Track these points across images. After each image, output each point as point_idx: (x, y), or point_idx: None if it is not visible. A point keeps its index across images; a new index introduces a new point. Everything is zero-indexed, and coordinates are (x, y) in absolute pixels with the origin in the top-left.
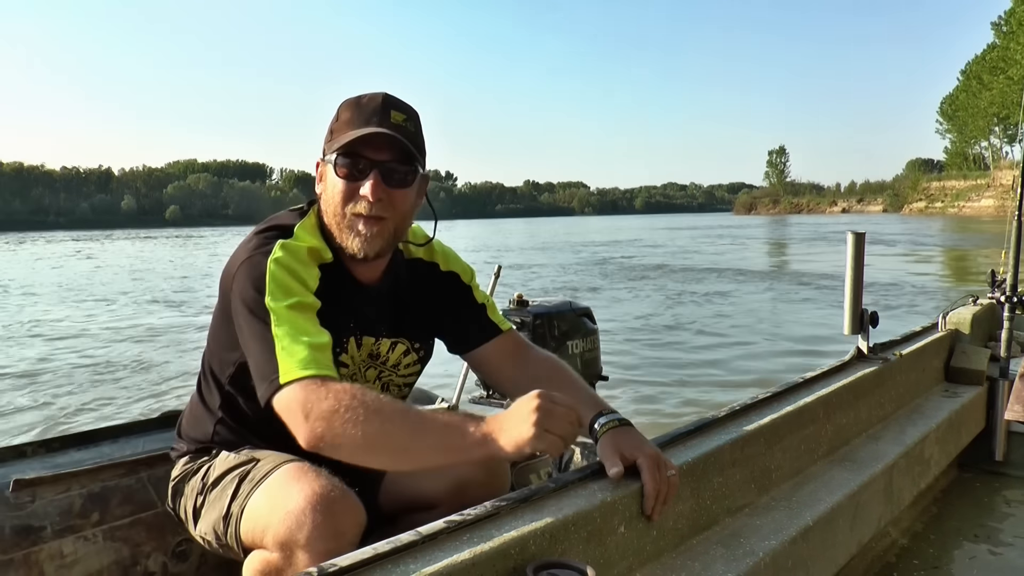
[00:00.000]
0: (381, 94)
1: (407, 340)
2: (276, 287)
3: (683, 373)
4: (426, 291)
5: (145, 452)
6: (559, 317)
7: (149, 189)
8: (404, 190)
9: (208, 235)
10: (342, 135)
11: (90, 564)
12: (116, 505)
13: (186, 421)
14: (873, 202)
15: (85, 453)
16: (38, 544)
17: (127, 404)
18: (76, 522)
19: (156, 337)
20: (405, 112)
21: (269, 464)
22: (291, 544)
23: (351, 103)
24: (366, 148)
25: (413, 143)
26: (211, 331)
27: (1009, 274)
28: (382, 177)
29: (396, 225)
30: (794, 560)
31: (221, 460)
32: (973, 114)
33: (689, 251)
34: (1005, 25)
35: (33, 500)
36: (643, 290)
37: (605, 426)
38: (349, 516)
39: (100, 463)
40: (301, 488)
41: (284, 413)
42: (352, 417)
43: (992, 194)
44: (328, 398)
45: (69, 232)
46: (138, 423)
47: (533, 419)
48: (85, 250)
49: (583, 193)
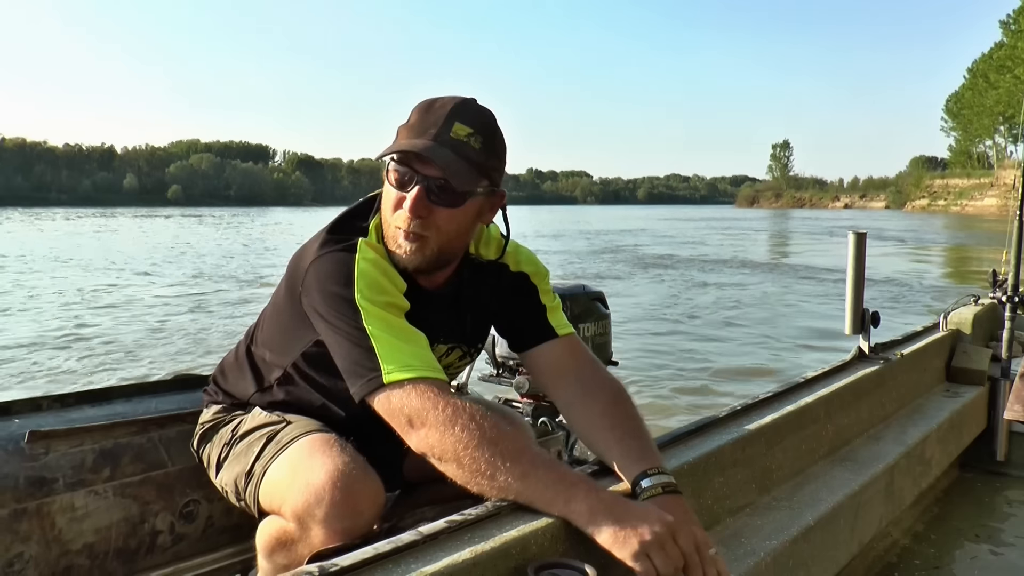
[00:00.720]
0: (454, 102)
1: (463, 345)
2: (366, 285)
3: (688, 361)
4: (490, 294)
5: (158, 412)
6: (572, 299)
7: (151, 168)
8: (450, 210)
9: (224, 215)
10: (399, 141)
11: (100, 519)
12: (127, 463)
13: (228, 373)
14: (876, 198)
15: (98, 410)
16: (51, 496)
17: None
18: (88, 476)
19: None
20: (474, 125)
21: (297, 430)
22: (308, 518)
23: (422, 107)
24: (416, 160)
25: (473, 160)
26: (272, 312)
27: (1010, 274)
28: (426, 193)
29: (440, 245)
30: (795, 560)
31: (253, 415)
32: (978, 112)
33: (695, 241)
34: (1013, 24)
35: (47, 452)
36: (648, 278)
37: (647, 491)
38: (368, 496)
39: (113, 420)
40: (324, 462)
41: (388, 413)
42: (467, 438)
43: (995, 193)
44: (446, 410)
45: (72, 209)
46: (151, 383)
47: (645, 538)
48: (118, 226)
49: (586, 182)
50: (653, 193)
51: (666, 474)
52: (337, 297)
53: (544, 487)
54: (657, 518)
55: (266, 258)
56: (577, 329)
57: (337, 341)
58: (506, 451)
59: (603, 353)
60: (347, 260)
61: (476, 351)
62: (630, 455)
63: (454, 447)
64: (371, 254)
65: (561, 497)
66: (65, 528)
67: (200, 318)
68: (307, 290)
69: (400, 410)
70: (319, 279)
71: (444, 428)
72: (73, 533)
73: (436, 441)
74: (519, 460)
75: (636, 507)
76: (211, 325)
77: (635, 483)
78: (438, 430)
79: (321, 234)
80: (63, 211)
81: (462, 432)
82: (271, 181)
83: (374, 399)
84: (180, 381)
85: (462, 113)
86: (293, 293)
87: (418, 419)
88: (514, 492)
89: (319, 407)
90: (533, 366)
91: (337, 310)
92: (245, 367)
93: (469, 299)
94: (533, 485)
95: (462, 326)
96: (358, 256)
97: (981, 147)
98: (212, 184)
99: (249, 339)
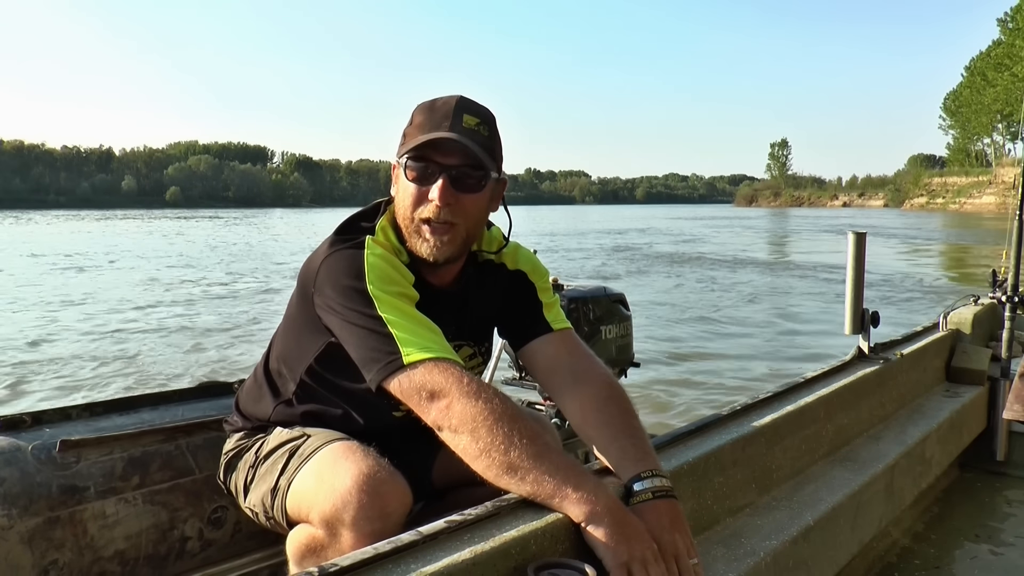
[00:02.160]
0: (455, 97)
1: (472, 344)
2: (377, 276)
3: (696, 359)
4: (492, 292)
5: (184, 420)
6: (594, 302)
7: (150, 170)
8: (474, 195)
9: (224, 217)
10: (413, 139)
11: (130, 526)
12: (156, 470)
13: (247, 397)
14: (874, 196)
15: (127, 418)
16: (82, 504)
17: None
18: (118, 484)
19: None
20: (479, 116)
21: (319, 440)
22: (336, 523)
23: (425, 107)
24: (435, 152)
25: (486, 148)
26: (285, 324)
27: (1010, 274)
28: (451, 182)
29: (468, 231)
30: (795, 560)
31: (274, 435)
32: (976, 110)
33: (698, 239)
34: (1011, 21)
35: (78, 461)
36: (659, 276)
37: (639, 495)
38: (395, 497)
39: (141, 428)
40: (348, 467)
41: (407, 392)
42: (488, 411)
43: (994, 191)
44: (471, 384)
45: (70, 211)
46: (177, 392)
47: (633, 554)
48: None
49: (584, 182)
50: (651, 193)
51: (660, 476)
52: (350, 289)
53: (553, 472)
54: (645, 535)
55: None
56: (599, 331)
57: (352, 331)
58: (523, 429)
59: (626, 354)
60: (357, 256)
61: (485, 351)
62: (624, 454)
63: (474, 418)
64: (379, 250)
65: (567, 487)
66: (97, 535)
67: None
68: (319, 288)
69: (422, 386)
70: (331, 275)
71: (467, 399)
72: (105, 540)
73: (457, 411)
74: (535, 441)
75: (632, 519)
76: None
77: (628, 485)
78: (460, 401)
79: (330, 237)
80: (64, 213)
81: (485, 405)
82: (269, 182)
83: (392, 381)
84: (206, 389)
85: (467, 106)
86: (305, 296)
87: (440, 392)
88: (522, 472)
89: (340, 418)
90: (530, 361)
91: (351, 301)
92: (263, 386)
93: (475, 297)
94: (543, 467)
95: (468, 323)
96: (367, 251)
97: (979, 145)
98: (211, 185)
99: (265, 359)
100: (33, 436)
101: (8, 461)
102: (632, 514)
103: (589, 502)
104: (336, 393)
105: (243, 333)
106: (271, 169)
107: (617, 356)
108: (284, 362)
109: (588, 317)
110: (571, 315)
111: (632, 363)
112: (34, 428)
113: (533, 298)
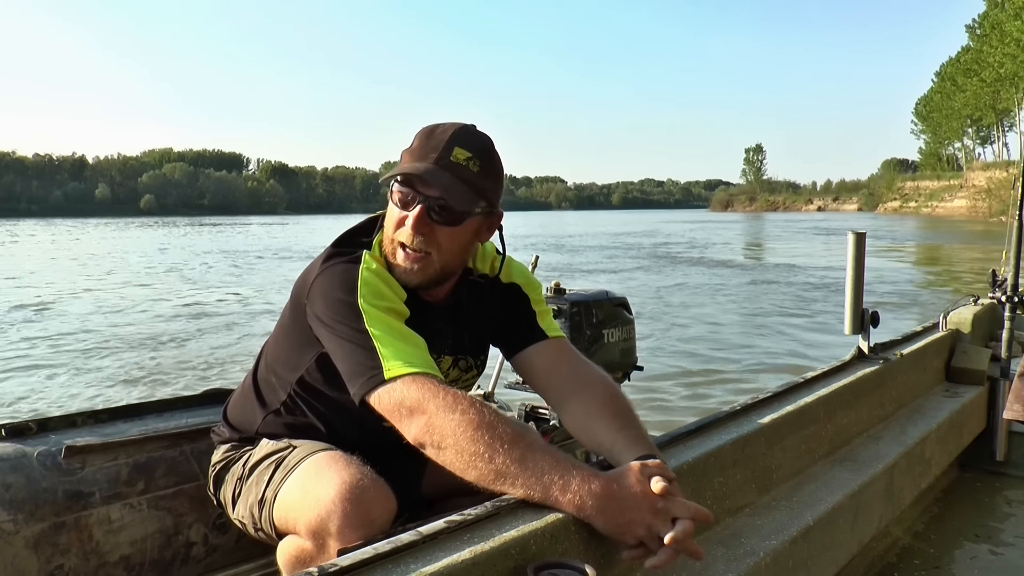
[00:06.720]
0: (454, 128)
1: (467, 357)
2: (369, 291)
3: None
4: (487, 305)
5: (188, 426)
6: (596, 306)
7: (124, 178)
8: (450, 228)
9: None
10: (403, 164)
11: (136, 531)
12: (160, 476)
13: (235, 408)
14: (848, 201)
15: (131, 425)
16: (88, 509)
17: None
18: (123, 490)
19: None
20: (473, 150)
21: (304, 452)
22: (322, 533)
23: (425, 132)
24: (419, 181)
25: (472, 184)
26: (278, 333)
27: (1010, 274)
28: (427, 211)
29: (443, 262)
30: (795, 560)
31: (261, 447)
32: (947, 115)
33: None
34: (979, 28)
35: (83, 467)
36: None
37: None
38: (378, 504)
39: (146, 434)
40: (332, 477)
41: (388, 409)
42: (466, 422)
43: (965, 195)
44: (446, 398)
45: (45, 220)
46: (181, 398)
47: (630, 520)
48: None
49: (560, 188)
50: (628, 198)
51: (655, 458)
52: (341, 302)
53: (542, 471)
54: (648, 506)
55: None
56: (602, 335)
57: (339, 344)
58: (504, 435)
59: (629, 358)
60: (351, 270)
61: (480, 364)
62: (625, 445)
63: (454, 431)
64: (374, 265)
65: (558, 483)
66: (102, 540)
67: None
68: (312, 300)
69: (401, 403)
70: (324, 288)
71: (444, 413)
72: (110, 545)
73: (436, 426)
74: (517, 444)
75: (624, 492)
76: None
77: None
78: (438, 416)
79: (327, 249)
80: (33, 222)
81: (462, 416)
82: (245, 189)
83: (374, 396)
84: (210, 396)
85: (462, 138)
86: (298, 307)
87: (418, 408)
88: (511, 477)
89: (329, 429)
90: (526, 368)
91: (340, 314)
92: (251, 396)
93: (467, 312)
94: (531, 469)
95: (464, 338)
96: (362, 266)
97: (950, 149)
98: (185, 193)
99: (255, 369)
100: (39, 442)
101: (14, 467)
102: (622, 482)
103: (584, 491)
104: (326, 404)
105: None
106: (247, 176)
107: (620, 360)
108: (275, 371)
109: (591, 321)
110: (574, 319)
111: (636, 367)
112: (40, 435)
113: (527, 308)
